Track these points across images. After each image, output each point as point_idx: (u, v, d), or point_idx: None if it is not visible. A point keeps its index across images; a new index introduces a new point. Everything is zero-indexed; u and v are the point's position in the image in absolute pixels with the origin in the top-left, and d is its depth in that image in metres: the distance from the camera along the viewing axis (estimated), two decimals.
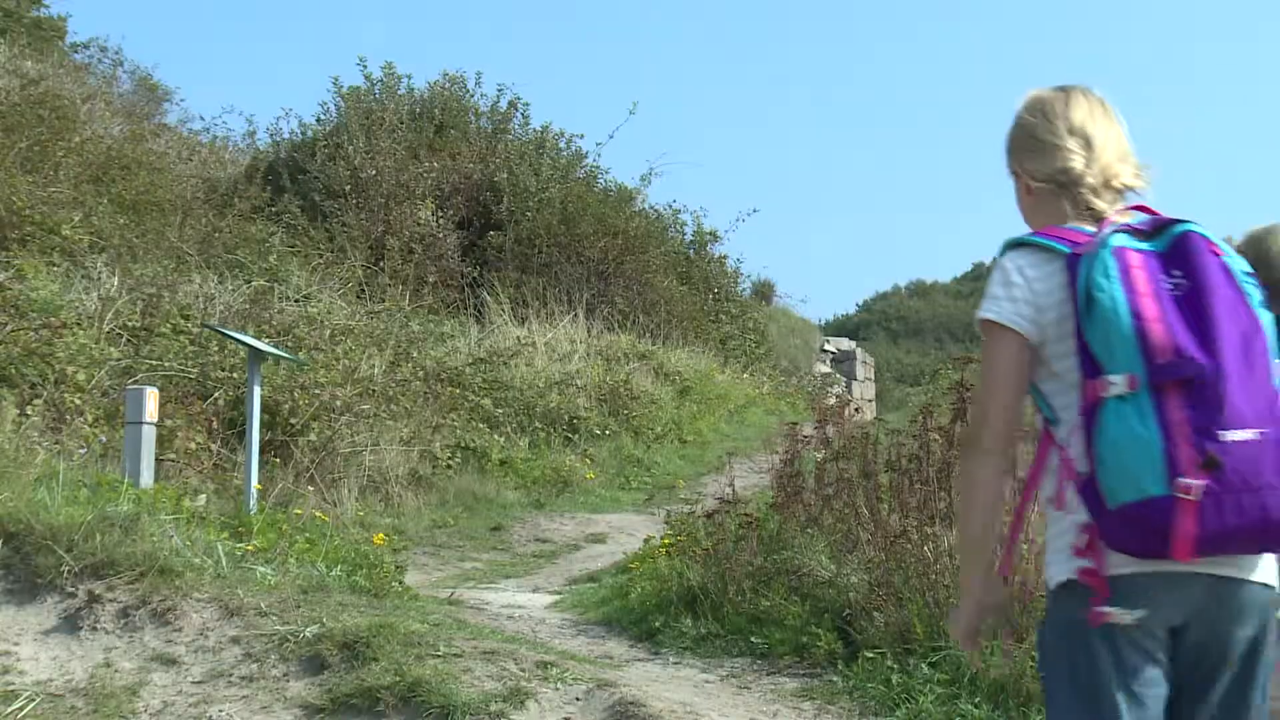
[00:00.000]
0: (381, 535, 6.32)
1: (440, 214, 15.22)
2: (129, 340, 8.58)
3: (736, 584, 5.39)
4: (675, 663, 5.01)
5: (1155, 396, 1.78)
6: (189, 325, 8.99)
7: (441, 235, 14.98)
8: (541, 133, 17.39)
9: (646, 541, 6.86)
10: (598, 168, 17.65)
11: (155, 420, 6.24)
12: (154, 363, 8.21)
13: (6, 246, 9.48)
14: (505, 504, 9.81)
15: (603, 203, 16.50)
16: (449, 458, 10.02)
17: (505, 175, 15.93)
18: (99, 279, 9.38)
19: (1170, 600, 1.84)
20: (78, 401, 7.25)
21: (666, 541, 6.40)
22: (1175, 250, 1.88)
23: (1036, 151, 2.05)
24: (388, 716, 3.87)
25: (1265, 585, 1.87)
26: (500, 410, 11.23)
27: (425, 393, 10.37)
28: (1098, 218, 1.98)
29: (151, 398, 6.16)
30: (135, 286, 9.38)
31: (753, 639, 5.09)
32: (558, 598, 6.77)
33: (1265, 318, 1.86)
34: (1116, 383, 1.81)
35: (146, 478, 6.01)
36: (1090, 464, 1.83)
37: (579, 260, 15.57)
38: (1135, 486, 1.77)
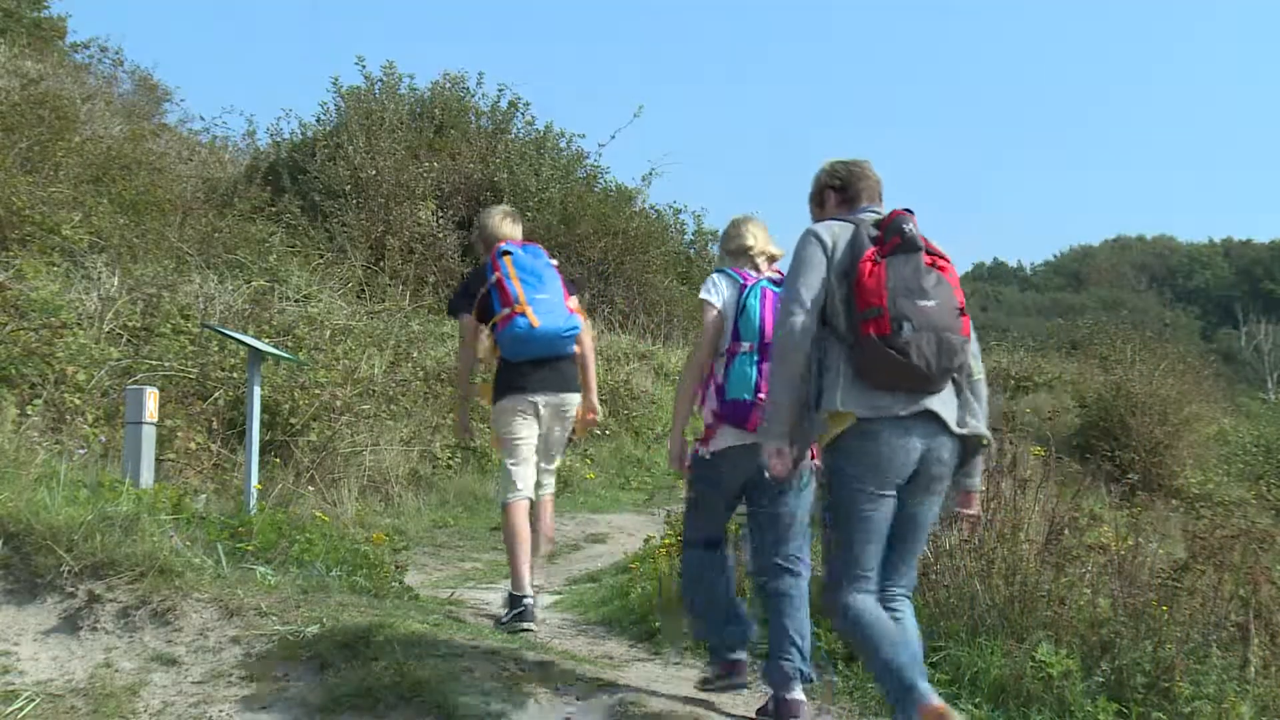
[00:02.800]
0: (381, 535, 6.31)
1: (440, 214, 15.22)
2: (129, 340, 8.58)
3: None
4: (675, 663, 5.00)
5: (759, 356, 4.02)
6: (189, 325, 8.99)
7: (442, 235, 14.98)
8: (542, 133, 17.38)
9: (647, 541, 6.85)
10: (598, 168, 17.65)
11: (155, 420, 6.23)
12: (154, 363, 8.21)
13: (6, 246, 9.47)
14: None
15: (603, 203, 16.49)
16: (449, 458, 10.01)
17: (505, 175, 15.91)
18: (99, 279, 9.38)
19: (745, 454, 3.96)
20: (78, 401, 7.25)
21: (667, 541, 6.39)
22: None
23: (734, 238, 4.38)
24: (388, 716, 3.87)
25: None
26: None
27: (425, 393, 10.37)
28: (757, 268, 4.31)
29: (151, 398, 6.15)
30: (135, 286, 9.37)
31: None
32: (558, 598, 6.77)
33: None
34: (745, 346, 4.08)
35: (146, 478, 6.00)
36: (725, 380, 4.07)
37: (579, 260, 15.56)
38: (739, 393, 4.02)
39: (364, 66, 16.97)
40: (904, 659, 3.35)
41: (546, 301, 5.14)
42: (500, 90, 17.67)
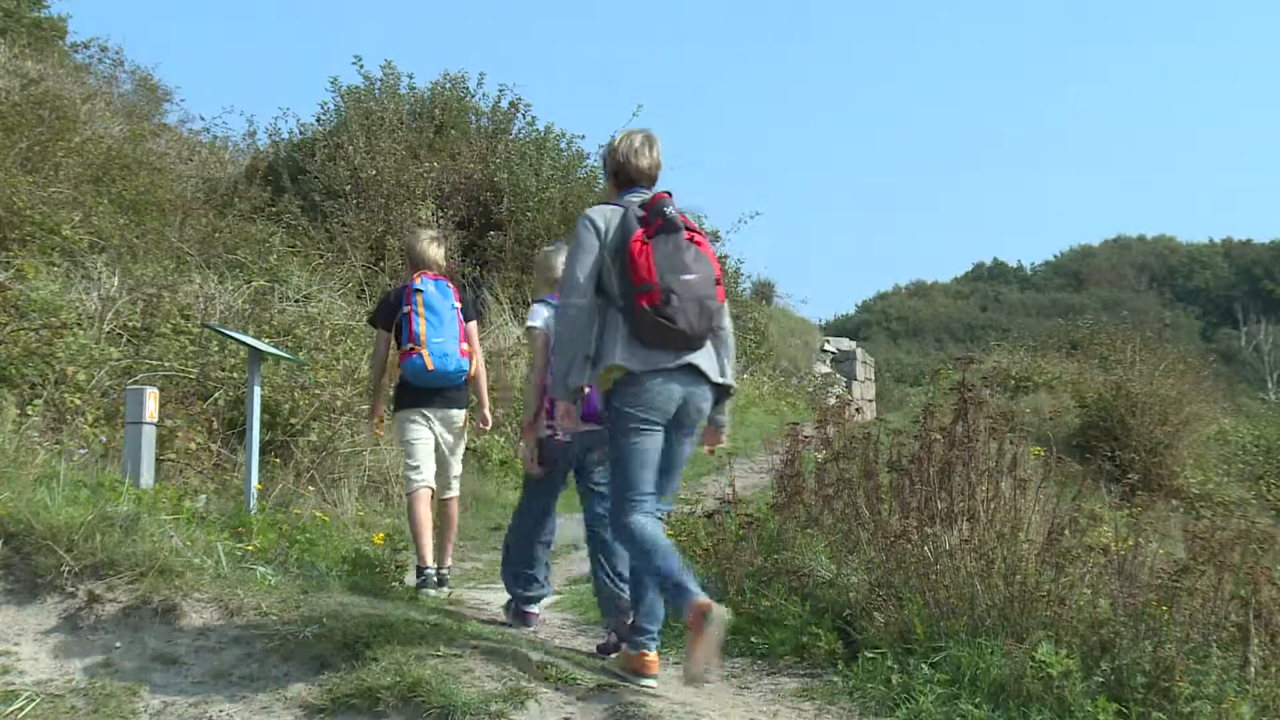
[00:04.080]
0: (381, 535, 6.32)
1: (440, 214, 15.21)
2: (129, 340, 8.57)
3: (737, 584, 5.38)
4: (675, 663, 5.00)
5: None
6: (189, 325, 8.98)
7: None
8: (543, 133, 17.37)
9: None
10: (599, 168, 17.62)
11: (155, 420, 6.23)
12: (154, 363, 8.20)
13: (6, 246, 9.47)
14: (505, 504, 9.80)
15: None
16: None
17: (505, 175, 15.90)
18: (99, 279, 9.37)
19: (582, 438, 5.02)
20: (78, 401, 7.24)
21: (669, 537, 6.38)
22: None
23: (552, 269, 5.37)
24: (388, 716, 3.87)
25: None
26: (500, 410, 11.23)
27: None
28: None
29: (151, 398, 6.15)
30: (135, 286, 9.37)
31: (753, 639, 5.08)
32: (558, 598, 6.76)
33: None
34: None
35: (146, 478, 6.00)
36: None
37: None
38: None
39: (362, 66, 16.97)
40: (674, 565, 4.03)
41: (441, 345, 6.03)
42: (501, 90, 17.68)
